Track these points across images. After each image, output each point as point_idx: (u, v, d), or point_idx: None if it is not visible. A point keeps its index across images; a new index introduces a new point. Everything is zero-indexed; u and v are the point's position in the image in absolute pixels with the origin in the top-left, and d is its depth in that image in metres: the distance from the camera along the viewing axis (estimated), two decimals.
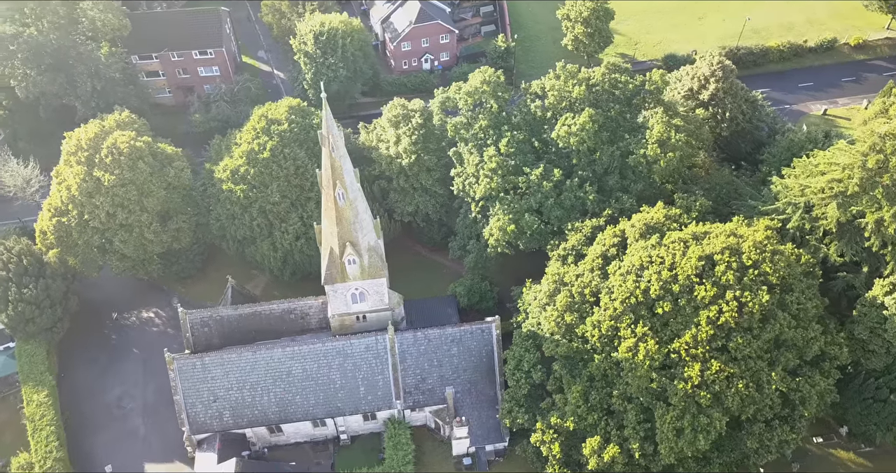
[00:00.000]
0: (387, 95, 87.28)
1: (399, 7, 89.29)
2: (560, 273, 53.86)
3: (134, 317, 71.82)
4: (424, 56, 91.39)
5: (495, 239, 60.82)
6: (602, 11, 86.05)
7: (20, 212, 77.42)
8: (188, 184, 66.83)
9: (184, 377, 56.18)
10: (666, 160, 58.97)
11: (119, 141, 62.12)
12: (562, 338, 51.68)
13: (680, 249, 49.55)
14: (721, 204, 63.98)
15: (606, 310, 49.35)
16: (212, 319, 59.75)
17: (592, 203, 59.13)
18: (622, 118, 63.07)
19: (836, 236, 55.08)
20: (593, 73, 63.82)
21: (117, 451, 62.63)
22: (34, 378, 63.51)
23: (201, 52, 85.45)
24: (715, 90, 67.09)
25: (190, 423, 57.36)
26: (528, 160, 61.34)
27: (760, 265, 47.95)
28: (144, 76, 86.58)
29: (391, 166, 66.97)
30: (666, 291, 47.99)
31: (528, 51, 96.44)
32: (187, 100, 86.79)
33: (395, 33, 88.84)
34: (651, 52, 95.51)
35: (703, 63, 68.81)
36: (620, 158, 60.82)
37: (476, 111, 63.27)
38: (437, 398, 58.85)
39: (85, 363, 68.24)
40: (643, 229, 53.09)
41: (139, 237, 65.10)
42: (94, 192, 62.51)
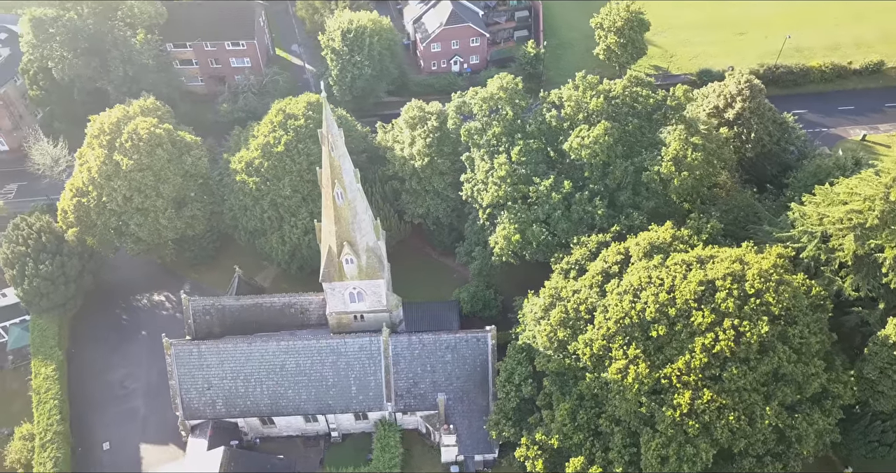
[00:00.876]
0: (413, 95, 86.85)
1: (431, 8, 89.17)
2: (557, 287, 52.95)
3: (146, 300, 73.46)
4: (454, 58, 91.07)
5: (500, 248, 60.20)
6: (637, 22, 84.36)
7: (48, 190, 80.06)
8: (205, 172, 67.94)
9: (180, 363, 57.13)
10: (680, 179, 57.44)
11: (140, 127, 63.50)
12: (554, 354, 50.80)
13: (681, 272, 48.16)
14: (739, 227, 62.08)
15: (600, 329, 48.29)
16: (214, 308, 60.61)
17: (601, 218, 57.97)
18: (640, 133, 61.66)
19: (852, 269, 52.79)
20: (614, 86, 62.56)
21: (116, 429, 64.11)
22: (44, 352, 65.49)
23: (234, 43, 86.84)
24: (741, 109, 65.01)
25: (184, 408, 58.31)
26: (539, 170, 60.48)
27: (763, 294, 46.22)
28: (178, 64, 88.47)
29: (404, 167, 66.89)
30: (662, 314, 46.68)
31: (559, 58, 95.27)
32: (218, 89, 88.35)
33: (426, 34, 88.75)
34: (686, 66, 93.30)
35: (730, 81, 66.75)
36: (634, 174, 59.48)
37: (491, 117, 62.67)
38: (428, 403, 58.54)
39: (95, 341, 70.04)
40: (647, 248, 51.79)
41: (154, 222, 66.47)
42: (113, 175, 64.04)
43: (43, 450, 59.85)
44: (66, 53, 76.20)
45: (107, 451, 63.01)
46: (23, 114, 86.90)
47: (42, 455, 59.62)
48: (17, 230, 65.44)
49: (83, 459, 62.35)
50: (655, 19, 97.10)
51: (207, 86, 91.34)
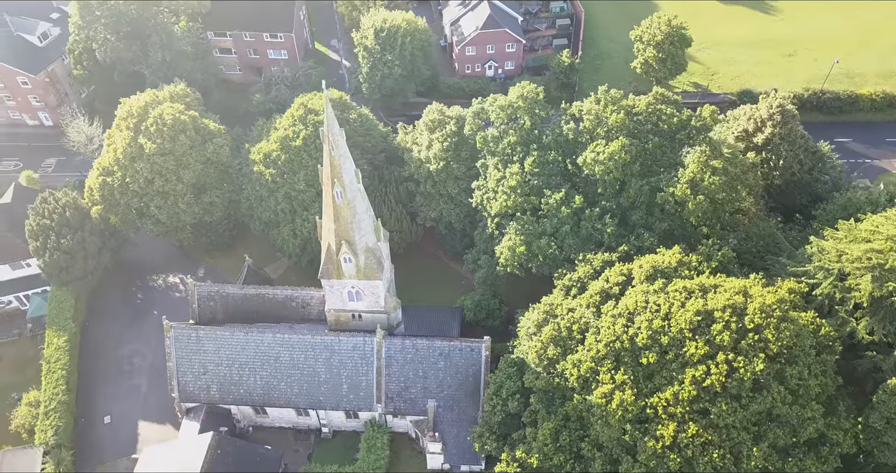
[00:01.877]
0: (444, 98, 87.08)
1: (469, 11, 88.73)
2: (553, 303, 51.93)
3: (161, 281, 75.35)
4: (488, 62, 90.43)
5: (505, 259, 59.42)
6: (678, 36, 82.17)
7: (82, 167, 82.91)
8: (226, 161, 69.14)
9: (178, 346, 58.29)
10: (695, 203, 55.59)
11: (165, 112, 65.04)
12: (543, 371, 49.83)
13: (680, 299, 46.57)
14: (757, 256, 59.83)
15: (589, 351, 47.11)
16: (218, 295, 61.63)
17: (610, 236, 56.60)
18: (660, 152, 59.97)
19: (868, 311, 50.16)
20: (638, 102, 61.00)
21: (118, 404, 65.86)
22: (58, 323, 67.77)
23: (272, 35, 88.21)
24: (771, 135, 62.51)
25: (179, 391, 59.49)
26: (552, 182, 59.45)
27: (762, 330, 44.27)
28: (218, 52, 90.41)
29: (420, 170, 66.72)
30: (654, 341, 45.23)
31: (597, 69, 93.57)
32: (254, 79, 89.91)
33: (462, 37, 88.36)
34: (727, 85, 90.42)
35: (763, 104, 64.27)
36: (649, 194, 57.88)
37: (509, 125, 61.89)
38: (418, 408, 58.24)
39: (109, 316, 72.18)
40: (650, 271, 50.30)
41: (173, 205, 68.04)
42: (137, 158, 65.80)
43: (46, 418, 61.87)
44: (110, 36, 78.73)
45: (107, 424, 64.81)
46: (68, 92, 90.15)
47: (45, 422, 61.65)
48: (44, 203, 67.88)
49: (84, 430, 64.25)
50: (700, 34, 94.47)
51: (244, 75, 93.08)
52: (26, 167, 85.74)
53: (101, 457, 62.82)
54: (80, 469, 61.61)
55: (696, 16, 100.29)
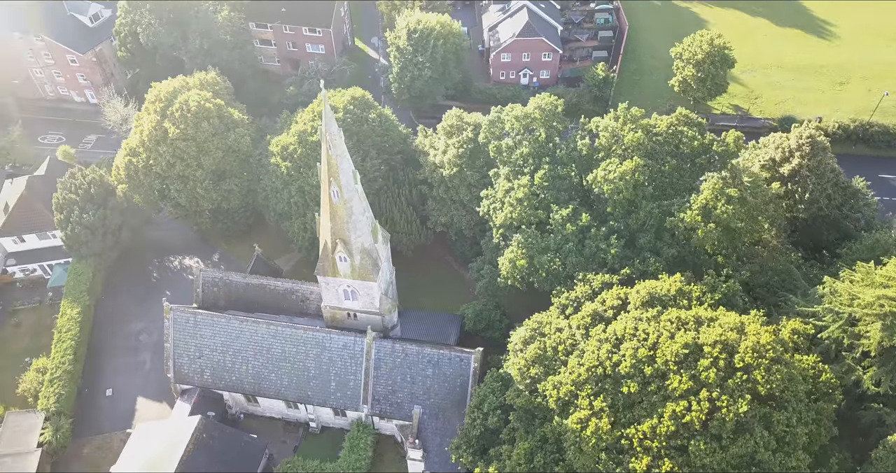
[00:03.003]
0: (475, 103, 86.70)
1: (508, 17, 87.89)
2: (541, 321, 50.82)
3: (177, 262, 77.19)
4: (523, 70, 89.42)
5: (506, 271, 58.53)
6: (719, 56, 79.54)
7: (117, 146, 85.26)
8: (247, 150, 70.26)
9: (176, 328, 59.54)
10: (705, 230, 53.55)
11: (191, 99, 66.54)
12: (525, 390, 48.82)
13: (671, 330, 44.90)
14: (770, 292, 57.36)
15: (571, 374, 45.88)
16: (222, 281, 62.71)
17: (613, 257, 55.06)
18: (677, 174, 58.07)
19: (876, 360, 47.44)
20: (659, 122, 59.21)
21: (121, 378, 67.75)
22: (74, 294, 70.15)
23: (310, 29, 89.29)
24: (798, 166, 59.72)
25: (174, 372, 60.76)
26: (560, 197, 58.25)
27: (752, 370, 42.26)
28: (258, 43, 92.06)
29: (434, 174, 66.42)
30: (637, 371, 43.71)
31: (635, 84, 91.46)
32: (292, 71, 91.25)
33: (498, 43, 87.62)
34: (770, 111, 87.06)
35: (794, 133, 61.46)
36: (659, 217, 56.07)
37: (524, 136, 60.94)
38: (403, 413, 57.95)
39: (124, 291, 74.34)
40: (646, 298, 48.68)
41: (192, 190, 69.57)
42: (161, 141, 67.53)
43: (50, 385, 64.08)
44: (153, 20, 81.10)
45: (108, 397, 66.73)
46: (114, 72, 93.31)
47: (49, 389, 63.87)
48: (72, 179, 70.40)
49: (87, 400, 66.31)
50: (748, 56, 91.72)
51: (283, 67, 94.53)
52: (68, 142, 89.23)
53: (99, 428, 64.70)
54: (77, 437, 63.61)
55: (748, 36, 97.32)
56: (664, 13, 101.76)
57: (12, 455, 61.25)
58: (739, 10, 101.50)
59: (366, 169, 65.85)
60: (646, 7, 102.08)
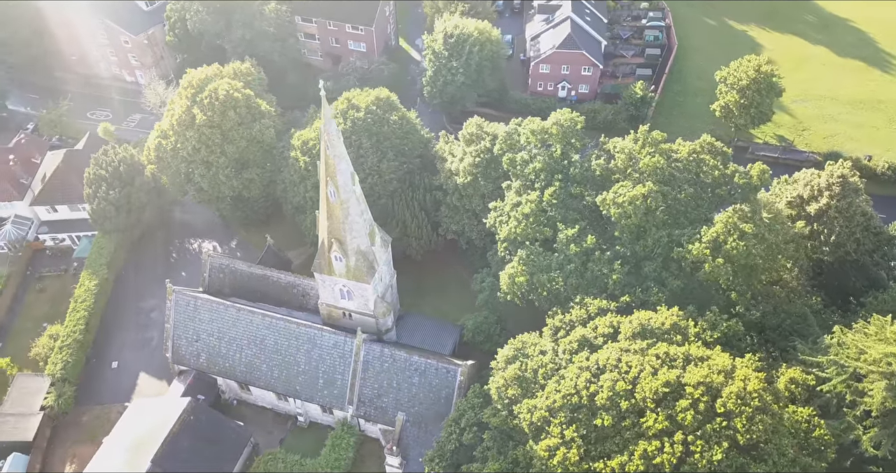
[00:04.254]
0: (509, 112, 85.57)
1: (551, 28, 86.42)
2: (526, 341, 49.59)
3: (197, 244, 79.03)
4: (562, 83, 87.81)
5: (506, 286, 57.43)
6: (765, 83, 76.18)
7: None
8: (270, 141, 71.22)
9: (177, 309, 60.82)
10: (713, 265, 51.17)
11: (220, 87, 67.88)
12: (502, 410, 47.73)
13: (655, 365, 43.07)
14: (781, 336, 54.47)
15: (547, 399, 44.55)
16: (228, 269, 63.76)
17: (614, 283, 53.28)
18: (694, 204, 55.79)
19: (878, 421, 44.31)
20: (680, 147, 57.04)
21: (128, 352, 69.74)
22: (94, 267, 72.61)
23: (353, 26, 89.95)
24: (825, 206, 56.47)
25: (173, 352, 62.12)
26: (568, 217, 56.76)
27: (733, 418, 40.09)
28: (303, 37, 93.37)
29: (449, 181, 65.83)
30: (613, 404, 42.10)
31: (676, 106, 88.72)
32: (333, 67, 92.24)
33: (538, 53, 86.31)
34: (817, 144, 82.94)
35: (826, 171, 58.19)
36: (668, 246, 53.95)
37: (540, 150, 59.67)
38: (387, 418, 57.64)
39: (142, 269, 76.51)
40: (638, 329, 46.86)
41: (214, 176, 70.95)
42: (189, 126, 69.13)
43: (59, 352, 66.43)
44: (201, 8, 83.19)
45: (113, 369, 68.78)
46: (164, 55, 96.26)
47: (57, 355, 66.22)
48: (103, 156, 72.92)
49: (93, 370, 68.49)
50: (801, 85, 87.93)
51: (325, 62, 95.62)
52: (114, 119, 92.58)
53: (100, 398, 66.73)
54: (78, 405, 65.78)
55: (804, 64, 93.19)
56: (718, 34, 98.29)
57: (16, 416, 63.89)
58: (798, 36, 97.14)
59: (382, 170, 65.82)
60: (699, 27, 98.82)
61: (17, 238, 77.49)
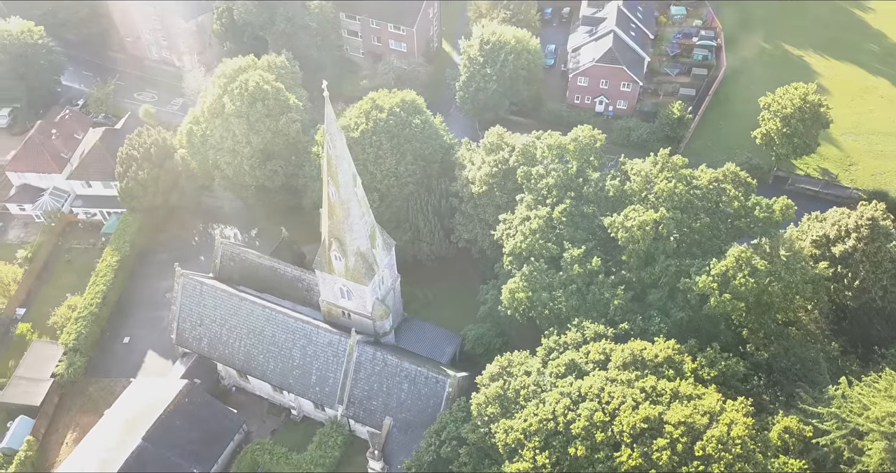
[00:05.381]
0: (543, 123, 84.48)
1: (593, 40, 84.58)
2: (512, 360, 48.48)
3: (219, 230, 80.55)
4: (600, 97, 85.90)
5: (507, 301, 56.41)
6: (811, 113, 72.69)
7: None
8: (295, 135, 71.90)
9: (184, 293, 62.03)
10: (718, 300, 48.95)
11: (251, 79, 68.89)
12: (481, 426, 46.82)
13: (638, 399, 41.44)
14: (789, 380, 51.84)
15: (524, 421, 43.43)
16: (238, 257, 64.66)
17: (615, 309, 51.62)
18: (709, 233, 53.57)
19: None
20: (701, 174, 54.87)
21: (139, 329, 71.58)
22: (118, 243, 74.85)
23: (395, 26, 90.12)
24: (851, 248, 53.35)
25: (177, 335, 63.43)
26: (577, 236, 55.30)
27: (711, 463, 38.20)
28: (346, 33, 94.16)
29: (465, 189, 65.15)
30: (588, 434, 40.71)
31: (717, 129, 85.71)
32: (374, 65, 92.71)
33: (577, 65, 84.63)
34: (863, 181, 78.76)
35: (857, 211, 54.98)
36: (675, 276, 51.94)
37: (556, 166, 58.36)
38: (375, 421, 57.43)
39: (164, 249, 78.42)
40: (628, 359, 45.22)
41: (239, 165, 72.13)
42: (218, 114, 70.51)
43: (75, 323, 68.61)
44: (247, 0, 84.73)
45: (124, 344, 70.72)
46: (212, 43, 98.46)
47: (73, 326, 68.43)
48: (137, 137, 75.06)
49: (105, 343, 70.54)
50: (854, 117, 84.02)
51: (366, 59, 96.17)
52: (159, 101, 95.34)
53: (108, 371, 68.71)
54: (88, 375, 67.88)
55: (861, 96, 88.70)
56: (772, 58, 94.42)
57: (27, 380, 66.43)
58: (858, 66, 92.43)
59: (399, 172, 65.60)
60: (751, 49, 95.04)
61: (52, 209, 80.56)
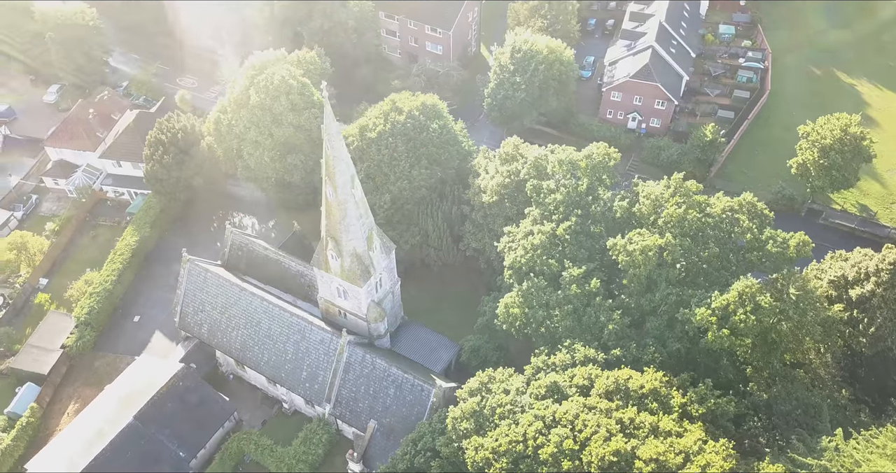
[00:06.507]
0: (572, 135, 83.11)
1: (631, 55, 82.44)
2: (493, 377, 47.38)
3: (238, 218, 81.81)
4: (633, 114, 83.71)
5: (502, 315, 55.36)
6: (852, 146, 69.17)
7: None
8: (317, 131, 72.09)
9: (189, 279, 63.05)
10: (716, 335, 46.81)
11: (277, 73, 69.59)
12: (455, 441, 45.96)
13: (612, 430, 39.90)
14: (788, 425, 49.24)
15: (496, 440, 42.39)
16: (246, 247, 65.38)
17: (609, 334, 49.99)
18: (718, 264, 51.37)
19: None
20: (716, 202, 52.67)
21: (150, 309, 73.21)
22: (139, 224, 76.82)
23: (432, 28, 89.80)
24: (869, 293, 50.28)
25: (179, 318, 64.53)
26: (580, 255, 53.81)
27: None
28: (384, 33, 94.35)
29: (476, 197, 64.31)
30: (556, 461, 39.42)
31: (753, 154, 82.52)
32: (410, 65, 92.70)
33: (611, 79, 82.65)
34: None
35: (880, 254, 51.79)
36: (675, 305, 49.96)
37: (568, 181, 56.94)
38: (360, 423, 57.19)
39: (183, 233, 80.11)
40: (611, 387, 43.66)
41: (261, 156, 73.01)
42: (243, 105, 71.50)
43: (89, 298, 70.63)
44: None
45: (135, 323, 72.44)
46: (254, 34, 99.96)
47: (86, 300, 70.46)
48: (167, 121, 76.80)
49: (116, 320, 72.40)
50: None
51: (402, 59, 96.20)
52: (199, 88, 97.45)
53: (115, 348, 70.45)
54: (96, 349, 69.80)
55: None
56: (821, 85, 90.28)
57: (38, 349, 68.71)
58: None
59: (412, 176, 65.20)
60: (801, 74, 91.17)
61: (84, 185, 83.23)
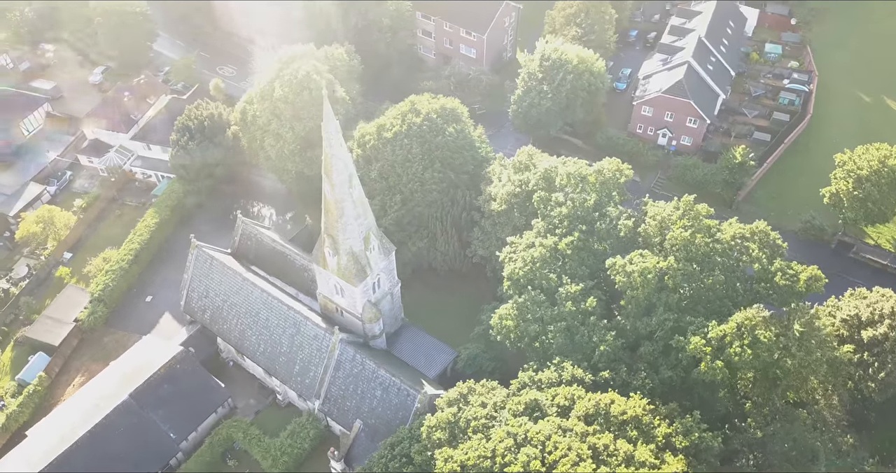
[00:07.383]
0: (597, 147, 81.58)
1: (666, 69, 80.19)
2: (473, 389, 46.49)
3: (257, 208, 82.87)
4: (663, 130, 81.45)
5: (496, 327, 54.43)
6: (889, 178, 65.72)
7: None
8: None
9: (196, 264, 64.05)
10: (709, 367, 44.91)
11: (302, 67, 70.12)
12: (428, 449, 45.32)
13: (582, 456, 38.64)
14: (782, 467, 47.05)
15: (465, 454, 41.57)
16: (255, 238, 66.06)
17: (600, 355, 48.55)
18: (722, 293, 49.32)
19: None
20: (726, 228, 50.60)
21: (162, 290, 74.54)
22: (160, 207, 78.50)
23: (467, 31, 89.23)
24: (882, 336, 47.53)
25: (185, 302, 65.64)
26: (579, 272, 52.46)
27: None
28: (420, 33, 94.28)
29: (486, 204, 63.51)
30: None
31: (785, 181, 79.30)
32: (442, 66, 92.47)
33: (643, 94, 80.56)
34: None
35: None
36: (671, 331, 48.19)
37: (575, 195, 55.61)
38: (347, 421, 57.12)
39: (203, 218, 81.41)
40: (591, 410, 42.34)
41: (281, 149, 73.76)
42: (267, 98, 72.32)
43: (105, 275, 72.51)
44: None
45: (147, 302, 74.02)
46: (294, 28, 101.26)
47: (102, 277, 72.32)
48: (196, 109, 78.31)
49: (130, 298, 74.12)
50: None
51: (436, 60, 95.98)
52: (236, 77, 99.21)
53: (125, 325, 72.11)
54: (107, 326, 71.59)
55: None
56: (868, 112, 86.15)
57: (53, 320, 70.89)
58: None
59: (424, 179, 64.81)
60: (847, 99, 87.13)
61: (115, 165, 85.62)
